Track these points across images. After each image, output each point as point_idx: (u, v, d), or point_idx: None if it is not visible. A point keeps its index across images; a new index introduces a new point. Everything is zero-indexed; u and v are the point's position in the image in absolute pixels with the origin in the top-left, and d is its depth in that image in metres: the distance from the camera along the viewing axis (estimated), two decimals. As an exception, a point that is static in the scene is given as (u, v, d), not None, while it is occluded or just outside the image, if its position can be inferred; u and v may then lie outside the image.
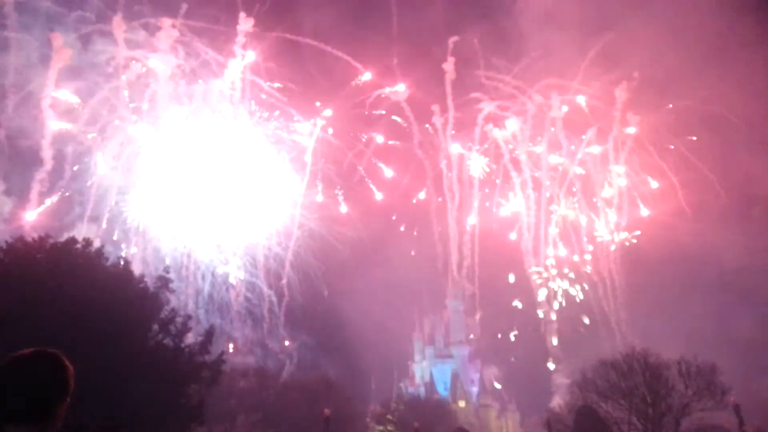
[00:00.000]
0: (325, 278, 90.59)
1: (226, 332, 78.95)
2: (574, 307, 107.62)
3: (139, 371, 28.47)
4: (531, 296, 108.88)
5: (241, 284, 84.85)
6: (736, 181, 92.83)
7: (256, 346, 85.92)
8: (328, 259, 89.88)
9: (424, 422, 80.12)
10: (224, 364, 38.93)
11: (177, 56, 77.81)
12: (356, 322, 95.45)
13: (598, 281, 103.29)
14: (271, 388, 70.60)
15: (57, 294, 28.02)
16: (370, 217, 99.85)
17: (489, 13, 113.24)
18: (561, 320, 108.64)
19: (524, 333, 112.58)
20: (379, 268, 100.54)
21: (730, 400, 47.55)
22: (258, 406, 64.62)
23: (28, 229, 62.69)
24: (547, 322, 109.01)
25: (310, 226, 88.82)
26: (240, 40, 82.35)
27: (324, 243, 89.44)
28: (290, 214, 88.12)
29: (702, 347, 55.57)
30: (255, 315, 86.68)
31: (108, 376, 24.48)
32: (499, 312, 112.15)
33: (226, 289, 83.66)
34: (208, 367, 35.71)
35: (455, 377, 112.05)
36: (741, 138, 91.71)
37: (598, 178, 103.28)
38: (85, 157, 76.04)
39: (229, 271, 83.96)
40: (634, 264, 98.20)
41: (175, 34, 76.93)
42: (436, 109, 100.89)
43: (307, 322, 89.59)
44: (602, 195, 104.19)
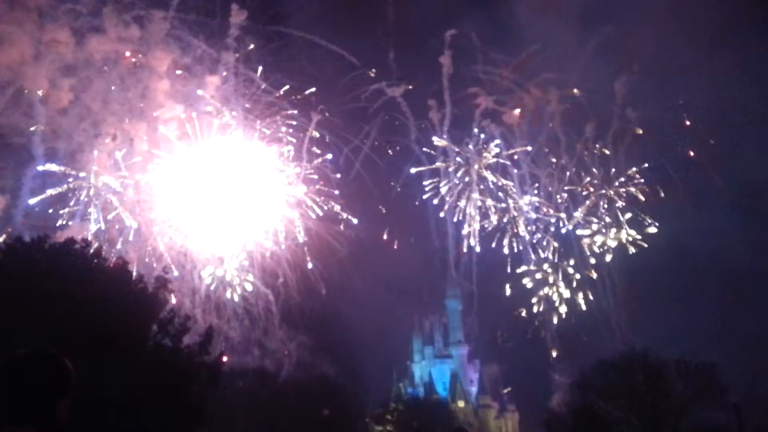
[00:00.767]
0: (322, 277, 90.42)
1: (224, 332, 78.77)
2: (574, 307, 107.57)
3: (139, 371, 28.42)
4: (531, 296, 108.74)
5: (238, 283, 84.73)
6: (739, 177, 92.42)
7: (254, 346, 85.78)
8: (326, 257, 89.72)
9: (423, 422, 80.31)
10: (224, 365, 38.94)
11: (170, 51, 77.37)
12: (355, 322, 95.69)
13: (599, 281, 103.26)
14: (269, 389, 70.60)
15: (56, 294, 27.98)
16: (369, 215, 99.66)
17: (486, 4, 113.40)
18: (561, 320, 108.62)
19: (524, 333, 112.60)
20: (378, 267, 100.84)
21: (730, 400, 47.62)
22: (257, 406, 64.58)
23: (19, 227, 62.45)
24: (547, 322, 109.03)
25: (308, 224, 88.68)
26: (233, 33, 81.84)
27: (321, 241, 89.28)
28: (287, 212, 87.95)
29: (702, 347, 55.68)
30: (252, 314, 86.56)
31: (107, 376, 24.40)
32: (499, 312, 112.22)
33: (223, 288, 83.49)
34: (207, 368, 35.70)
35: (454, 377, 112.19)
36: (746, 132, 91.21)
37: (597, 174, 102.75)
38: (77, 155, 75.57)
39: (226, 270, 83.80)
40: (634, 263, 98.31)
41: (167, 27, 76.42)
42: (433, 104, 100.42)
43: (305, 322, 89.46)
44: (602, 194, 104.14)
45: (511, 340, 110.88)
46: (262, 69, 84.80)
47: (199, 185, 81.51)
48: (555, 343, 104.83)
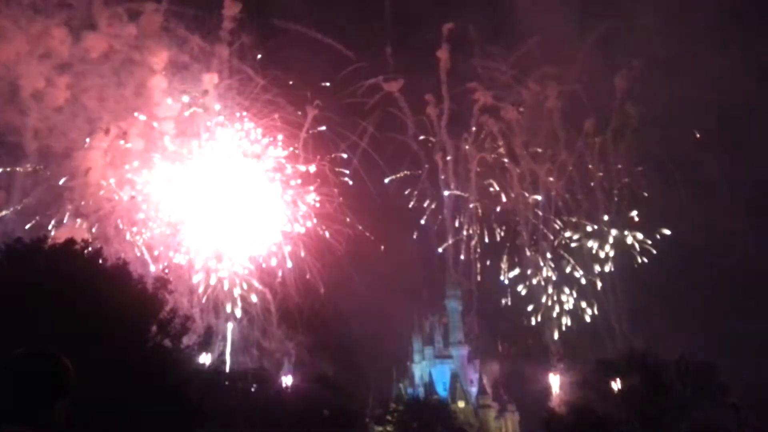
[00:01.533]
0: (321, 276, 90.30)
1: (222, 332, 78.57)
2: (576, 313, 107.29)
3: (138, 372, 28.39)
4: (533, 301, 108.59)
5: (237, 283, 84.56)
6: (740, 175, 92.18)
7: (253, 346, 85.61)
8: (324, 256, 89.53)
9: (423, 422, 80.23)
10: (223, 365, 38.93)
11: (164, 45, 76.82)
12: (355, 322, 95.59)
13: (600, 281, 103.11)
14: (269, 389, 70.46)
15: (55, 295, 27.94)
16: (368, 212, 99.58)
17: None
18: (561, 320, 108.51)
19: (524, 333, 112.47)
20: (377, 266, 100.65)
21: (730, 400, 47.57)
22: (256, 406, 64.46)
23: (13, 227, 62.19)
24: (547, 322, 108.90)
25: (306, 223, 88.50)
26: (226, 26, 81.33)
27: (320, 240, 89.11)
28: (285, 211, 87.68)
29: (702, 347, 55.66)
30: (251, 314, 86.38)
31: (106, 377, 24.38)
32: (499, 311, 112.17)
33: (221, 287, 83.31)
34: (207, 368, 35.70)
35: (454, 377, 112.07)
36: (746, 129, 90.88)
37: (596, 171, 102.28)
38: (74, 153, 75.11)
39: (224, 269, 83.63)
40: (635, 263, 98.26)
41: (160, 20, 75.92)
42: (431, 99, 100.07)
43: (304, 322, 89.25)
44: (600, 192, 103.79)
45: (514, 345, 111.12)
46: (256, 63, 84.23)
47: (197, 184, 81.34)
48: (555, 343, 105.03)
